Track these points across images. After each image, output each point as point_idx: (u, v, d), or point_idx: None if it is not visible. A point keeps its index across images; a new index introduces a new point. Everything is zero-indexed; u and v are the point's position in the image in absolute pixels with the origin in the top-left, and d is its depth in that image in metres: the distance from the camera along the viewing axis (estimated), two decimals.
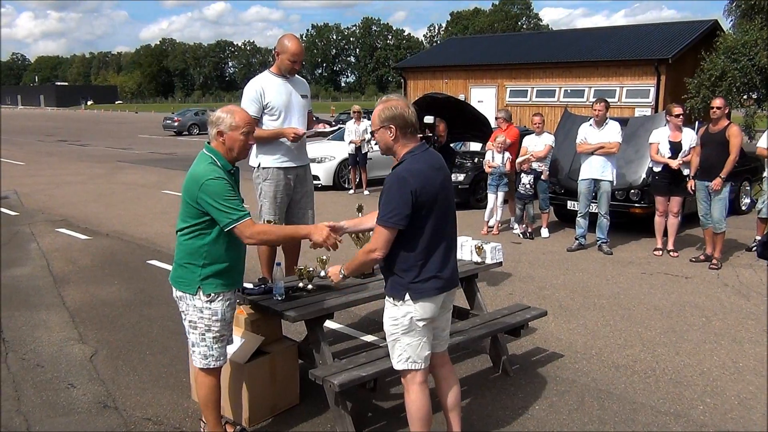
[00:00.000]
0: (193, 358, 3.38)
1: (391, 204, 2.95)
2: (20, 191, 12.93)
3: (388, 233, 2.98)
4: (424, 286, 3.05)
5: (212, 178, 3.15)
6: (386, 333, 3.19)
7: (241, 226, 3.16)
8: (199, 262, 3.23)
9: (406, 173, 2.96)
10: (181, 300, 3.31)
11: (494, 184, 9.14)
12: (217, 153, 3.28)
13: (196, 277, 3.24)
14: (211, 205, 3.13)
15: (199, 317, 3.28)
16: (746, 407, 4.03)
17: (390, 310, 3.15)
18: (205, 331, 3.29)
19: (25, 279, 6.77)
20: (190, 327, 3.32)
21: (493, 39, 35.71)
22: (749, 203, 10.72)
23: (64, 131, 36.41)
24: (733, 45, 16.48)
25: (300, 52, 4.91)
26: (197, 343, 3.32)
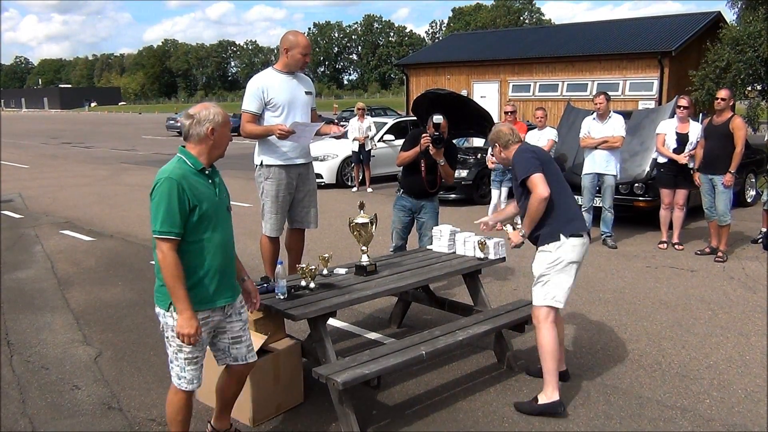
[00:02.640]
0: (171, 373, 3.19)
1: (529, 162, 3.83)
2: (25, 194, 12.96)
3: (540, 176, 3.76)
4: (574, 225, 3.88)
5: (170, 177, 2.91)
6: (537, 276, 3.89)
7: (160, 240, 2.88)
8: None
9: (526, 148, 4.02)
10: (159, 315, 3.09)
11: (497, 179, 9.11)
12: (188, 153, 3.03)
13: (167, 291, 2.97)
14: (156, 204, 2.89)
15: (171, 336, 3.04)
16: (753, 401, 4.01)
17: (544, 256, 3.88)
18: (177, 350, 3.06)
19: (29, 281, 6.78)
20: (166, 342, 3.11)
21: (495, 34, 35.60)
22: (754, 195, 10.67)
23: (68, 133, 36.50)
24: (738, 36, 16.38)
25: (309, 45, 4.93)
26: (171, 359, 3.14)
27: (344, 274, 4.36)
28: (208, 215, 3.00)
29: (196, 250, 2.99)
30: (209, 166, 3.10)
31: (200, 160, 3.04)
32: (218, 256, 3.08)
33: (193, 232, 2.97)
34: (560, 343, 4.13)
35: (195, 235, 2.98)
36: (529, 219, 3.85)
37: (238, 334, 3.24)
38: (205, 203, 2.99)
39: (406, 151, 5.59)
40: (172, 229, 2.88)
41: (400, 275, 4.35)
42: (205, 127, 3.02)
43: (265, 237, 5.10)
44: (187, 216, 2.92)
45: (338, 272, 4.40)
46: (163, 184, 2.91)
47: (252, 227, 8.71)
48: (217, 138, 3.06)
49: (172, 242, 2.89)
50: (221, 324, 3.18)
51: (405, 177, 5.71)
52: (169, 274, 2.89)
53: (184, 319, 2.92)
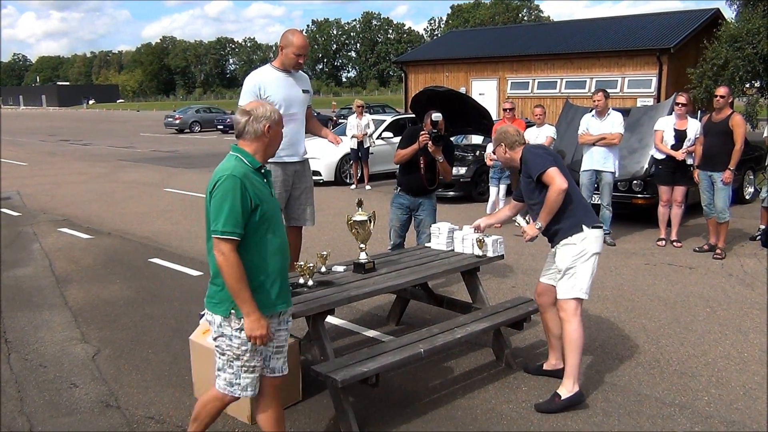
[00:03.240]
0: (217, 382, 3.01)
1: (542, 157, 3.92)
2: (23, 192, 12.94)
3: (556, 169, 3.82)
4: (593, 216, 4.00)
5: (233, 174, 2.80)
6: (563, 270, 3.90)
7: (223, 241, 2.78)
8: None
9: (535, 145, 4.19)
10: (213, 322, 2.95)
11: (496, 176, 9.11)
12: (244, 152, 2.92)
13: (227, 297, 2.85)
14: (219, 203, 2.78)
15: (227, 344, 2.90)
16: (752, 397, 4.01)
17: (569, 248, 3.89)
18: (234, 358, 2.92)
19: (27, 279, 6.77)
20: (218, 351, 2.96)
21: (493, 31, 35.60)
22: (753, 192, 10.67)
23: (66, 131, 36.45)
24: (736, 33, 16.38)
25: (304, 46, 4.88)
26: (223, 368, 2.97)
27: (342, 272, 4.36)
28: (268, 216, 2.88)
29: (258, 253, 2.86)
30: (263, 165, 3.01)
31: (256, 158, 2.93)
32: (278, 259, 2.95)
33: (254, 233, 2.84)
34: (558, 338, 4.19)
35: (256, 237, 2.85)
36: (547, 211, 3.86)
37: (282, 344, 3.08)
38: (265, 203, 2.87)
39: (403, 148, 5.57)
40: (235, 230, 2.76)
41: (398, 273, 4.34)
42: (262, 125, 2.92)
43: None
44: (249, 216, 2.81)
45: (336, 270, 4.39)
46: (227, 181, 2.79)
47: None
48: (272, 136, 2.97)
49: (234, 243, 2.77)
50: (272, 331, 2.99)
51: (403, 174, 5.70)
52: (232, 276, 2.76)
53: (252, 321, 2.79)
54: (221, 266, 2.78)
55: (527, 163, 3.97)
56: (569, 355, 3.87)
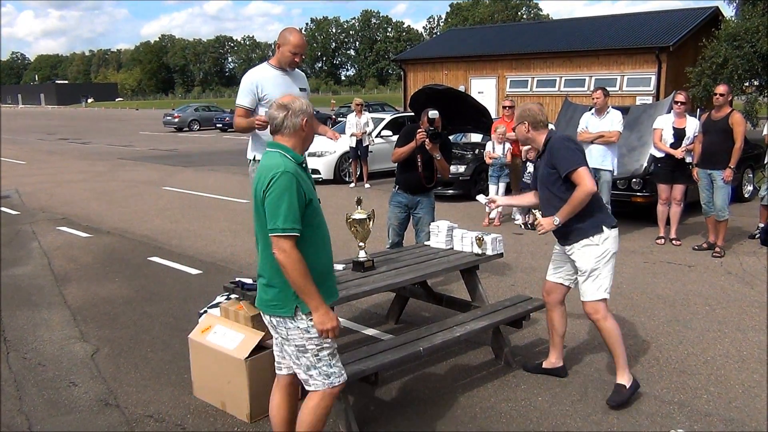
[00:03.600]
0: (313, 383, 2.91)
1: (574, 154, 3.83)
2: (21, 190, 12.93)
3: (586, 169, 3.78)
4: (610, 216, 3.99)
5: (287, 171, 2.76)
6: (587, 272, 3.87)
7: (284, 238, 2.71)
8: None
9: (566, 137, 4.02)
10: (279, 326, 2.88)
11: (495, 175, 9.12)
12: (285, 147, 2.89)
13: (290, 296, 2.81)
14: (276, 200, 2.72)
15: (307, 339, 2.84)
16: (751, 395, 4.01)
17: (591, 250, 3.85)
18: (319, 349, 2.87)
19: (26, 278, 6.77)
20: (299, 351, 2.87)
21: (492, 29, 35.57)
22: (752, 190, 10.67)
23: (65, 129, 36.41)
24: (735, 32, 16.38)
25: (301, 44, 4.87)
26: (313, 365, 2.88)
27: (341, 270, 4.35)
28: (317, 209, 2.89)
29: (313, 246, 2.83)
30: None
31: (296, 152, 2.92)
32: (327, 252, 2.95)
33: (308, 227, 2.81)
34: (562, 336, 4.27)
35: (310, 230, 2.81)
36: (569, 210, 3.78)
37: None
38: (314, 197, 2.87)
39: (400, 147, 5.57)
40: (295, 226, 2.72)
41: (397, 271, 4.34)
42: (300, 119, 2.90)
43: None
44: (304, 211, 2.80)
45: (336, 268, 4.38)
46: (282, 177, 2.73)
47: (249, 223, 8.67)
48: (308, 130, 2.96)
49: (295, 239, 2.73)
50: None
51: (401, 173, 5.70)
52: (298, 272, 2.72)
53: (322, 315, 2.78)
54: (285, 264, 2.73)
55: (556, 155, 3.84)
56: (615, 349, 3.94)
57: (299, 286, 2.75)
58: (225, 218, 9.88)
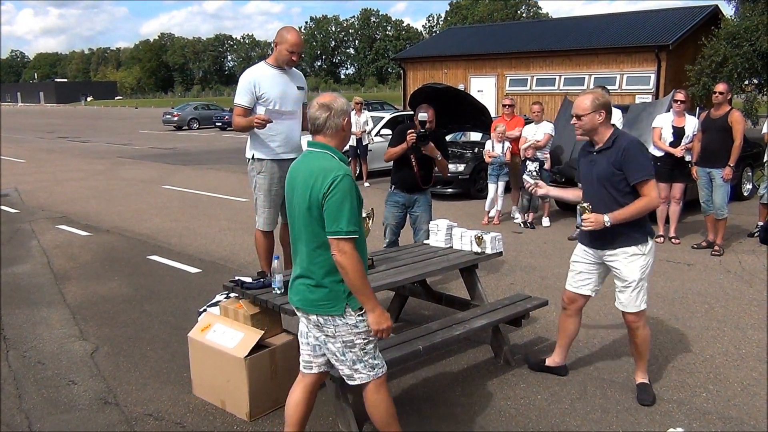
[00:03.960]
0: (358, 377, 2.96)
1: (649, 162, 3.74)
2: (21, 189, 12.92)
3: (655, 181, 3.71)
4: (651, 226, 3.90)
5: (347, 174, 2.76)
6: (633, 282, 3.79)
7: (346, 240, 2.72)
8: (338, 277, 2.81)
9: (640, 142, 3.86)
10: (326, 324, 2.88)
11: (495, 173, 9.11)
12: (330, 147, 2.88)
13: (340, 295, 2.83)
14: (338, 204, 2.70)
15: (355, 333, 2.87)
16: (749, 393, 4.02)
17: (638, 260, 3.77)
18: (366, 343, 2.92)
19: (25, 276, 6.77)
20: (346, 347, 2.90)
21: (492, 28, 35.56)
22: (751, 189, 10.68)
23: (64, 128, 36.39)
24: (734, 30, 16.37)
25: (298, 43, 4.87)
26: (360, 359, 2.92)
27: None
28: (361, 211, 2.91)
29: (360, 247, 2.83)
30: None
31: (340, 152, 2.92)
32: (366, 252, 2.99)
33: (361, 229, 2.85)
34: (572, 340, 4.31)
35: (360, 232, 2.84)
36: (626, 216, 3.64)
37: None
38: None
39: (393, 146, 5.59)
40: (356, 228, 2.74)
41: (397, 270, 4.34)
42: (342, 119, 2.88)
43: (259, 231, 5.10)
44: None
45: None
46: (344, 180, 2.73)
47: (249, 222, 8.69)
48: (348, 129, 2.95)
49: (355, 241, 2.75)
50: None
51: (396, 172, 5.72)
52: (358, 273, 2.74)
53: (378, 315, 2.82)
54: (346, 266, 2.74)
55: (632, 159, 3.65)
56: (645, 353, 3.99)
57: (358, 287, 2.77)
58: (224, 217, 9.88)
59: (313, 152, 2.89)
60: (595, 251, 3.92)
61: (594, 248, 3.92)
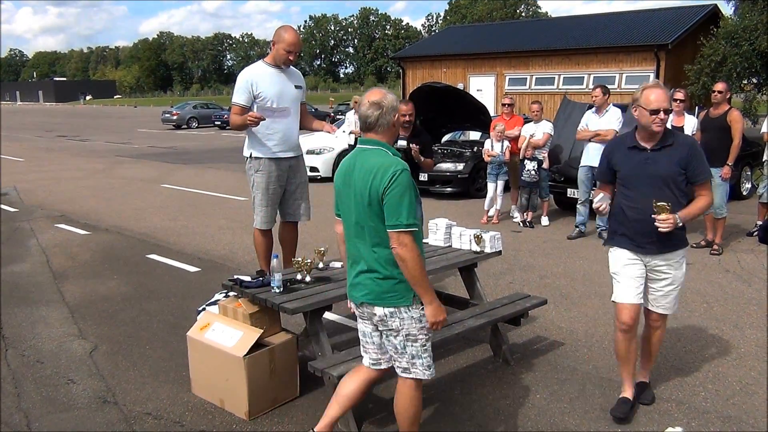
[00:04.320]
0: (414, 371, 2.98)
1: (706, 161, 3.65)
2: (20, 187, 12.91)
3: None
4: None
5: (406, 168, 2.80)
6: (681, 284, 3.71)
7: (406, 233, 2.75)
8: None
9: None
10: (392, 316, 2.90)
11: (494, 173, 9.11)
12: (383, 143, 2.91)
13: (408, 286, 2.86)
14: (398, 198, 2.74)
15: (419, 328, 2.92)
16: (748, 393, 4.02)
17: (683, 264, 3.68)
18: (426, 340, 2.97)
19: (24, 275, 6.76)
20: (407, 341, 2.93)
21: (491, 27, 35.57)
22: (750, 188, 10.68)
23: (63, 127, 36.37)
24: (733, 30, 16.37)
25: (296, 42, 4.87)
26: (418, 355, 2.95)
27: (340, 268, 4.35)
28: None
29: (418, 240, 2.86)
30: None
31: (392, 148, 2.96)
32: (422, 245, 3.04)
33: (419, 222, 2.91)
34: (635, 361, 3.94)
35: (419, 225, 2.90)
36: (690, 216, 3.53)
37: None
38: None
39: None
40: (416, 221, 2.78)
41: None
42: (392, 116, 2.91)
43: (257, 230, 5.10)
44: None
45: (334, 266, 4.39)
46: (403, 175, 2.77)
47: (247, 221, 8.69)
48: (398, 126, 2.99)
49: (414, 234, 2.79)
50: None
51: None
52: (418, 266, 2.78)
53: (435, 308, 2.88)
54: (406, 259, 2.77)
55: (699, 156, 3.58)
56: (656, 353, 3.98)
57: (417, 279, 2.81)
58: (223, 216, 9.87)
59: (366, 149, 2.92)
60: (644, 256, 3.62)
61: (645, 253, 3.61)
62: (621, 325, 3.66)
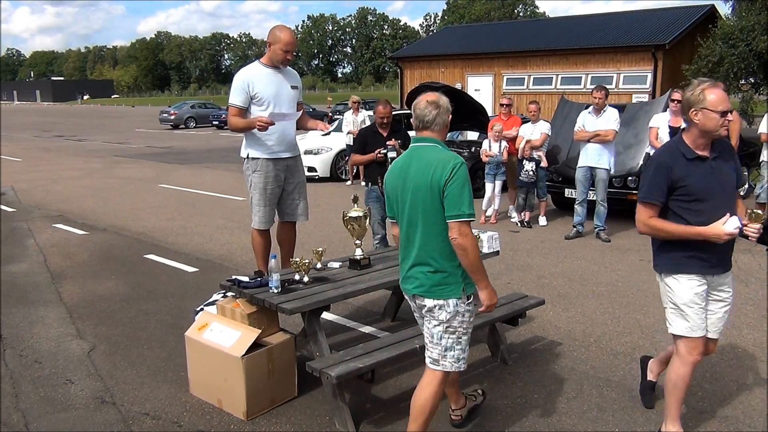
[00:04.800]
0: (443, 363, 3.08)
1: None
2: (17, 187, 12.90)
3: None
4: None
5: (464, 163, 2.94)
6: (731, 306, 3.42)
7: (466, 223, 2.89)
8: (456, 261, 2.97)
9: None
10: (440, 309, 3.02)
11: (491, 173, 9.12)
12: (437, 141, 3.04)
13: (458, 279, 3.00)
14: (459, 189, 2.87)
15: (460, 321, 3.05)
16: (745, 393, 4.03)
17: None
18: (463, 333, 3.08)
19: (22, 275, 6.75)
20: (446, 332, 3.04)
21: (489, 27, 35.59)
22: (747, 188, 10.70)
23: (61, 126, 36.31)
24: (730, 30, 16.41)
25: (293, 42, 4.88)
26: (453, 347, 3.06)
27: (338, 268, 4.36)
28: None
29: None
30: None
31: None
32: None
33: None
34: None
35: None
36: None
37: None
38: None
39: (356, 151, 6.15)
40: (473, 212, 2.93)
41: (394, 269, 4.34)
42: (447, 116, 3.06)
43: (255, 231, 5.10)
44: None
45: (332, 266, 4.40)
46: (462, 167, 2.92)
47: (245, 221, 8.69)
48: (448, 126, 3.13)
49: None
50: None
51: (370, 171, 6.08)
52: (476, 253, 2.95)
53: (490, 292, 3.07)
54: (467, 247, 2.90)
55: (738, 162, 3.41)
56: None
57: (476, 266, 2.96)
58: (221, 216, 9.87)
59: (422, 146, 3.04)
60: (713, 276, 3.32)
61: (715, 273, 3.31)
62: (694, 358, 3.34)
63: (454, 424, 3.60)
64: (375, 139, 6.01)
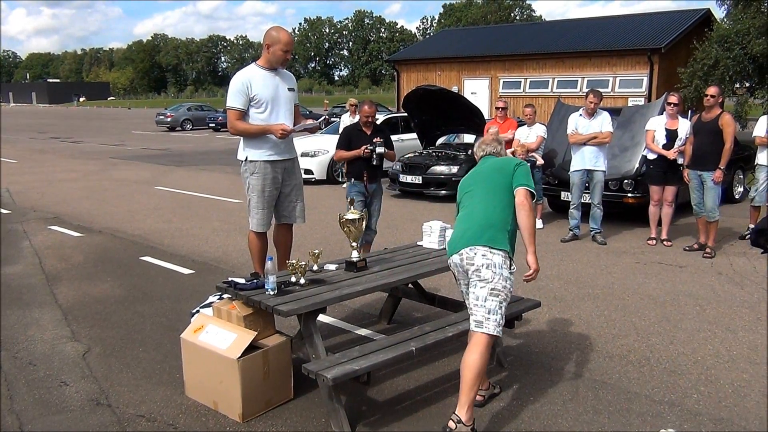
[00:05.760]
0: (486, 325, 3.40)
1: None
2: (12, 189, 12.86)
3: None
4: None
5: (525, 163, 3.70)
6: None
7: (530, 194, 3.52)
8: (509, 227, 3.51)
9: None
10: (488, 268, 3.42)
11: None
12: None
13: (508, 240, 3.51)
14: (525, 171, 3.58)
15: (503, 285, 3.43)
16: (740, 395, 4.04)
17: None
18: (504, 299, 3.45)
19: (17, 277, 6.73)
20: (491, 294, 3.41)
21: (486, 30, 35.65)
22: (742, 191, 10.74)
23: (57, 128, 36.24)
24: (725, 34, 16.49)
25: (292, 41, 4.92)
26: (495, 311, 3.42)
27: (334, 270, 4.36)
28: None
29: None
30: None
31: None
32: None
33: None
34: None
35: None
36: None
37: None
38: None
39: (341, 148, 6.44)
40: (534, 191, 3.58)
41: (390, 271, 4.35)
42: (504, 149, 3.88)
43: (253, 233, 5.09)
44: None
45: (328, 268, 4.39)
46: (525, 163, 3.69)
47: (241, 223, 8.69)
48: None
49: None
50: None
51: (351, 165, 6.44)
52: (534, 218, 3.53)
53: (535, 256, 3.58)
54: (528, 208, 3.49)
55: None
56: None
57: (532, 228, 3.49)
58: (217, 218, 9.86)
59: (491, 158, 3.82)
60: None
61: None
62: None
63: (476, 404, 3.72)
64: (359, 136, 6.38)
